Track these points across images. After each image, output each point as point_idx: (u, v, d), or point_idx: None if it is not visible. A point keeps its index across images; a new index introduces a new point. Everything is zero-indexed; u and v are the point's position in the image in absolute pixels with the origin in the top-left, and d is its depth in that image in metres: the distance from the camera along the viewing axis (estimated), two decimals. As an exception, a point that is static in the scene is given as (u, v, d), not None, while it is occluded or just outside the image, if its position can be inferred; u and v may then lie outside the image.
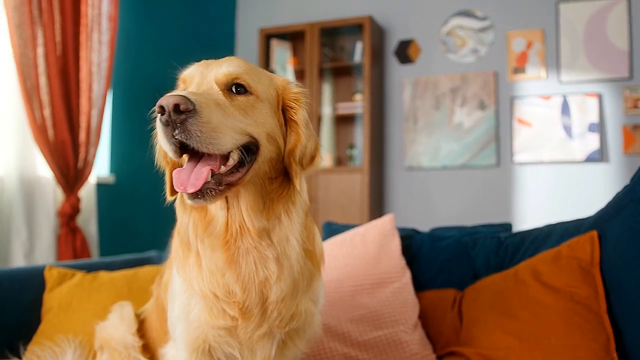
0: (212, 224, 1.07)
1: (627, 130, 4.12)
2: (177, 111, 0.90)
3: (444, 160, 4.62)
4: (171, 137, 0.92)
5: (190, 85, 1.06)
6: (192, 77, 1.06)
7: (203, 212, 1.08)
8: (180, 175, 0.96)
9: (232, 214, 1.06)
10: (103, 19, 3.28)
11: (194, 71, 1.08)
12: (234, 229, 1.06)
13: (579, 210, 2.43)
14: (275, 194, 1.09)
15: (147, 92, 4.10)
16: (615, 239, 1.42)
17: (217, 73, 1.04)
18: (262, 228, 1.07)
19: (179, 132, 0.91)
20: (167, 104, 0.90)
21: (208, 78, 1.04)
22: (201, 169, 0.96)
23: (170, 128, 0.92)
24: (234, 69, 1.05)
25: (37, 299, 1.80)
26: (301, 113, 1.12)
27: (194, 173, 0.96)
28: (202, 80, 1.04)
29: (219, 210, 1.07)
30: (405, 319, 1.69)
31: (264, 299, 1.08)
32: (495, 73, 4.51)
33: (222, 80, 1.04)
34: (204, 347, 1.12)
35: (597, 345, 1.32)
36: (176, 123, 0.91)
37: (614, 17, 4.21)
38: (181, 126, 0.91)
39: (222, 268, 1.06)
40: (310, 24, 4.69)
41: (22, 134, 2.96)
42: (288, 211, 1.09)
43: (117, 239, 3.72)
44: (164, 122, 0.92)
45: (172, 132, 0.92)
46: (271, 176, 1.09)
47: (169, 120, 0.91)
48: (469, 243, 1.91)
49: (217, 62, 1.09)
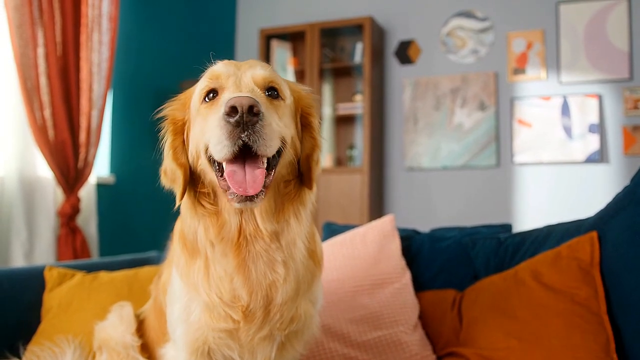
0: (225, 229, 1.06)
1: (627, 131, 4.12)
2: (251, 113, 0.91)
3: (444, 160, 4.62)
4: (238, 139, 0.92)
5: (226, 84, 1.03)
6: (227, 77, 1.04)
7: (215, 217, 1.07)
8: (236, 178, 0.95)
9: (246, 218, 1.05)
10: (103, 19, 3.28)
11: (227, 70, 1.06)
12: (248, 233, 1.06)
13: (579, 211, 2.42)
14: (287, 197, 1.09)
15: (147, 92, 4.14)
16: (615, 239, 1.42)
17: (255, 75, 1.04)
18: (273, 231, 1.07)
19: (247, 134, 0.91)
20: (242, 104, 0.90)
21: (245, 80, 1.03)
22: (254, 172, 0.96)
23: (239, 129, 0.91)
24: (269, 72, 1.06)
25: (37, 299, 1.80)
26: (316, 118, 1.14)
27: (248, 176, 0.95)
28: (239, 81, 1.03)
29: (232, 215, 1.06)
30: (405, 319, 1.69)
31: (268, 301, 1.08)
32: (495, 74, 4.51)
33: (261, 83, 1.04)
34: (203, 349, 1.12)
35: (597, 346, 1.32)
36: (247, 124, 0.91)
37: (614, 18, 4.21)
38: (252, 128, 0.91)
39: (231, 273, 1.06)
40: (310, 25, 4.69)
41: (22, 134, 2.96)
42: (297, 214, 1.10)
43: (117, 239, 3.72)
44: (234, 123, 0.91)
45: (241, 133, 0.92)
46: (287, 179, 1.10)
47: (241, 121, 0.91)
48: (469, 244, 1.91)
49: (246, 63, 1.08)
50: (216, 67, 1.08)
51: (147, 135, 4.09)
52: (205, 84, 1.06)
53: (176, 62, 4.43)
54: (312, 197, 1.14)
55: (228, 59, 1.12)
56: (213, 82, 1.05)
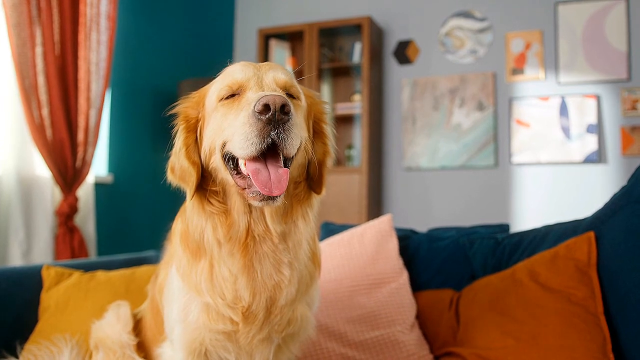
0: (233, 229, 1.06)
1: (625, 132, 4.13)
2: (283, 111, 0.92)
3: (442, 160, 4.62)
4: (267, 136, 0.92)
5: (248, 84, 1.04)
6: (248, 78, 1.04)
7: (224, 216, 1.07)
8: (260, 178, 0.95)
9: (255, 218, 1.06)
10: (102, 18, 3.27)
11: (248, 71, 1.06)
12: (256, 233, 1.06)
13: (577, 211, 2.43)
14: (296, 198, 1.10)
15: (145, 91, 4.14)
16: (612, 240, 1.42)
17: (277, 78, 1.05)
18: (281, 232, 1.07)
19: (277, 132, 0.92)
20: (275, 103, 0.91)
21: (266, 81, 1.04)
22: (278, 171, 0.96)
23: (270, 127, 0.92)
24: (289, 77, 1.07)
25: (34, 298, 1.80)
26: (329, 126, 1.16)
27: (273, 175, 0.96)
28: (260, 82, 1.03)
29: (241, 214, 1.06)
30: (402, 319, 1.70)
31: (271, 303, 1.08)
32: (493, 74, 4.52)
33: (282, 85, 1.05)
34: (200, 350, 1.12)
35: (594, 346, 1.32)
36: (278, 123, 0.92)
37: (613, 18, 4.22)
38: (283, 127, 0.92)
39: (236, 273, 1.06)
40: (309, 24, 4.69)
41: (20, 133, 2.96)
42: (305, 215, 1.11)
43: (114, 238, 3.71)
44: (266, 120, 0.92)
45: (271, 131, 0.92)
46: (297, 180, 1.11)
47: (273, 119, 0.92)
48: (467, 244, 1.91)
49: (266, 65, 1.09)
50: (235, 67, 1.09)
51: (145, 134, 4.09)
52: (226, 83, 1.06)
53: (174, 61, 4.43)
54: (319, 200, 1.16)
55: (227, 59, 1.13)
56: (233, 81, 1.05)
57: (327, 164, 1.15)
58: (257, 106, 0.92)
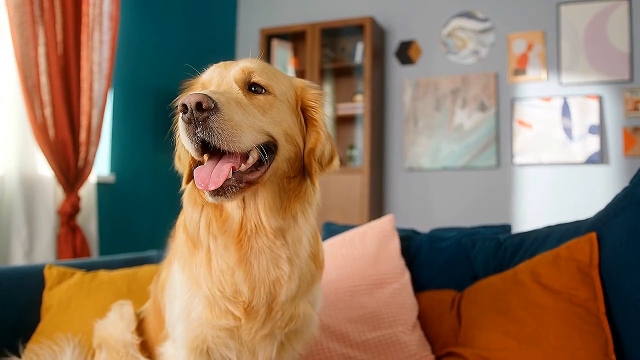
0: (228, 222, 1.07)
1: (628, 133, 4.12)
2: (200, 109, 0.91)
3: (444, 161, 4.62)
4: (193, 135, 0.93)
5: (209, 86, 1.06)
6: (211, 79, 1.07)
7: (218, 210, 1.08)
8: (201, 173, 0.96)
9: (248, 213, 1.06)
10: (104, 18, 3.28)
11: (213, 73, 1.08)
12: (249, 227, 1.06)
13: (579, 212, 2.43)
14: (293, 194, 1.09)
15: (147, 91, 4.14)
16: (614, 240, 1.42)
17: (235, 72, 1.05)
18: (278, 227, 1.07)
19: (200, 130, 0.92)
20: (190, 101, 0.91)
21: (227, 78, 1.05)
22: (222, 167, 0.96)
23: (192, 126, 0.92)
24: (249, 64, 1.06)
25: (36, 297, 1.80)
26: (321, 112, 1.13)
27: (215, 171, 0.96)
28: (222, 80, 1.05)
29: (235, 208, 1.06)
30: (404, 319, 1.70)
31: (272, 298, 1.09)
32: (495, 74, 4.51)
33: (240, 77, 1.05)
34: (202, 348, 1.12)
35: (596, 347, 1.32)
36: (198, 121, 0.92)
37: (615, 19, 4.21)
38: (203, 124, 0.92)
39: (233, 267, 1.06)
40: (311, 25, 4.69)
41: (22, 133, 2.97)
42: (304, 211, 1.10)
43: (116, 238, 3.72)
44: (186, 120, 0.92)
45: (195, 130, 0.92)
46: (289, 175, 1.09)
47: (192, 118, 0.92)
48: (469, 244, 1.91)
49: (235, 62, 1.10)
50: (206, 72, 1.11)
51: (147, 134, 4.09)
52: (199, 83, 1.10)
53: (177, 61, 4.43)
54: (317, 196, 1.14)
55: (229, 59, 1.14)
56: (202, 81, 1.09)
57: (316, 152, 1.10)
58: (179, 107, 0.93)
